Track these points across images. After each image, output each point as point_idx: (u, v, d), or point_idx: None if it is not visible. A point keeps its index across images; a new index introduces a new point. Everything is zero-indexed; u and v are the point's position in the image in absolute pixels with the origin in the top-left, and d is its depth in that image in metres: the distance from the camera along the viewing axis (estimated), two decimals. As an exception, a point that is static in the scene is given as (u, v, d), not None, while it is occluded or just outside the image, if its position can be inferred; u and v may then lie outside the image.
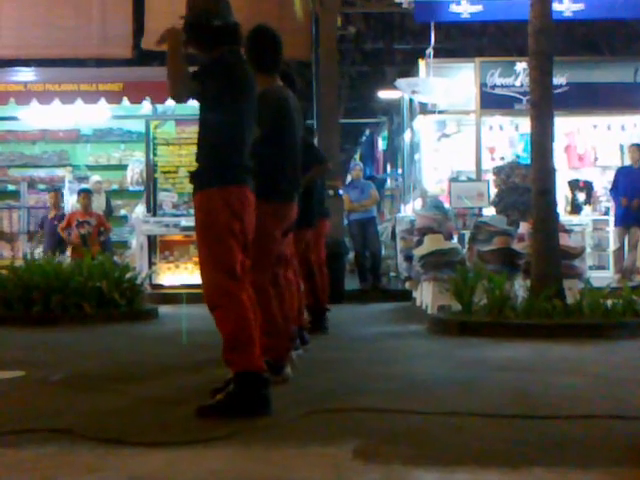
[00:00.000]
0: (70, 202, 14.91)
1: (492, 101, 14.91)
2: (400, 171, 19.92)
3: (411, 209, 16.01)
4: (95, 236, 12.93)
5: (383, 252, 14.68)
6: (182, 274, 13.38)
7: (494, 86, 14.92)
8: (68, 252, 12.88)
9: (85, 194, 13.33)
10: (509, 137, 15.57)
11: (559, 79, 13.84)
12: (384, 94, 19.32)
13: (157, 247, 13.58)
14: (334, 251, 11.92)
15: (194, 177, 4.60)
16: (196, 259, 14.17)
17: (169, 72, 4.49)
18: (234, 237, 4.43)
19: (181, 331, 7.82)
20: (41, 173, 15.53)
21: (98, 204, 14.24)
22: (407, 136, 17.80)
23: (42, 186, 15.41)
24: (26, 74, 14.13)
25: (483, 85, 14.93)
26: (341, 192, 13.59)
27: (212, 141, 4.57)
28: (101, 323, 9.42)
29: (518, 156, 14.70)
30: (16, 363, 6.29)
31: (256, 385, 4.32)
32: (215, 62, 4.59)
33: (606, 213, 14.73)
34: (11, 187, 15.34)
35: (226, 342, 4.41)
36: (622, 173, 13.72)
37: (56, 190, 14.26)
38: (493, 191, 12.43)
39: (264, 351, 4.70)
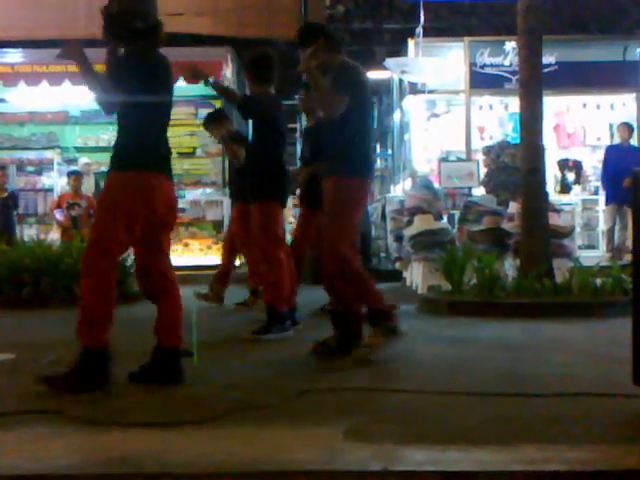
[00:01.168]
0: (59, 184, 14.86)
1: (481, 81, 14.90)
2: (390, 151, 19.92)
3: (401, 189, 16.02)
4: (86, 218, 12.89)
5: (373, 232, 14.66)
6: (171, 256, 13.28)
7: (483, 65, 14.91)
8: (57, 234, 12.85)
9: (76, 176, 13.34)
10: (499, 117, 15.57)
11: (548, 58, 13.83)
12: (373, 74, 19.11)
13: (146, 229, 13.49)
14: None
15: (110, 159, 4.75)
16: (186, 241, 14.39)
17: (89, 88, 4.65)
18: (126, 220, 4.57)
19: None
20: (30, 155, 15.44)
21: (87, 186, 14.19)
22: (397, 116, 17.78)
23: (31, 168, 15.35)
24: (13, 55, 14.04)
25: (472, 65, 14.92)
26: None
27: (121, 126, 4.70)
28: (91, 305, 9.38)
29: (508, 136, 14.70)
30: (6, 345, 6.26)
31: (98, 360, 4.53)
32: (126, 57, 4.70)
33: (595, 192, 14.74)
34: (0, 169, 15.27)
35: (83, 314, 4.56)
36: (611, 152, 13.72)
37: (1, 168, 14.06)
38: (483, 171, 12.42)
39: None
